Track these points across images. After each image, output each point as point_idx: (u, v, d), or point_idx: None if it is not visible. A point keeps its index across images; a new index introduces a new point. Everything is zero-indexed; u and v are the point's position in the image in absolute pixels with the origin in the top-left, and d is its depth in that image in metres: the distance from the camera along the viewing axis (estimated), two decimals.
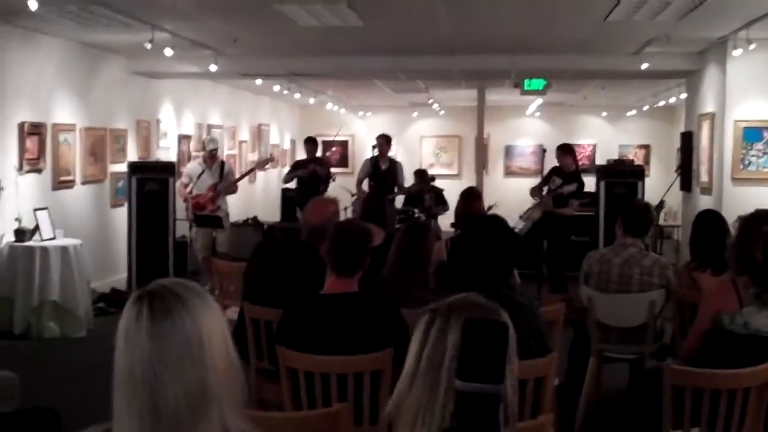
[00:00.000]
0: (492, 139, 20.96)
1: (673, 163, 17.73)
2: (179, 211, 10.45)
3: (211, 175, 11.19)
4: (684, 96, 13.36)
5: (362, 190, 12.22)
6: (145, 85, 12.88)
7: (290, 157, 20.59)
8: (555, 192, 11.11)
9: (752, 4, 8.18)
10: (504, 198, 15.95)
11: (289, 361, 3.95)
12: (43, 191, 9.99)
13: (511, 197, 17.85)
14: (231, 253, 10.65)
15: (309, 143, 12.70)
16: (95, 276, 10.52)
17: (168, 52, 9.81)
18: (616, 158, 18.33)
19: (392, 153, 12.93)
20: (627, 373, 6.31)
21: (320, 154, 13.67)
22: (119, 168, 11.66)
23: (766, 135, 10.13)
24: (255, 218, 14.02)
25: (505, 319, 2.07)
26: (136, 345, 1.85)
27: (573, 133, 20.89)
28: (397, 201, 12.44)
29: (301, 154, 18.18)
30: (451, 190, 12.53)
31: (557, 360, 3.89)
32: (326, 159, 12.94)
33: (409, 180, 13.25)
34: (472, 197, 7.34)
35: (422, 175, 13.38)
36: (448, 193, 13.00)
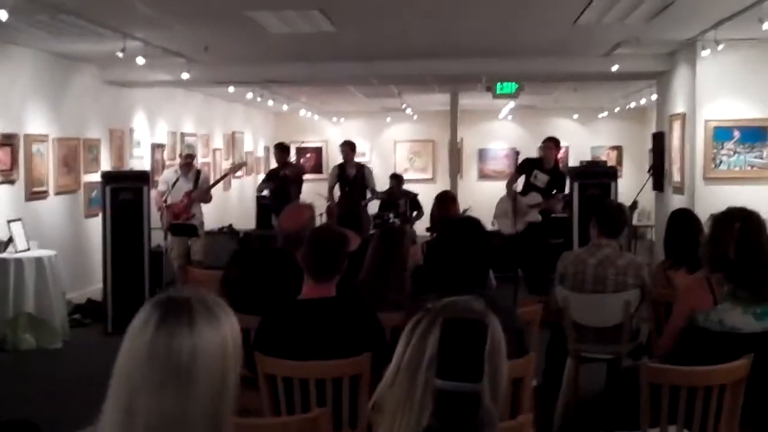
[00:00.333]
0: (465, 143, 21.00)
1: (645, 164, 17.82)
2: (154, 221, 10.41)
3: (186, 183, 11.19)
4: (654, 97, 13.46)
5: (332, 197, 12.24)
6: (117, 94, 12.82)
7: (264, 165, 20.54)
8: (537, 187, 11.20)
9: (719, 6, 8.26)
10: (478, 201, 15.98)
11: (267, 367, 3.95)
12: (17, 202, 9.92)
13: (486, 200, 17.82)
14: (206, 262, 10.64)
15: (279, 149, 12.68)
16: (70, 287, 10.48)
17: (140, 60, 9.77)
18: (588, 160, 18.48)
19: (366, 159, 12.98)
20: (604, 373, 6.35)
21: (294, 160, 13.67)
22: (93, 178, 11.59)
23: (737, 134, 10.22)
24: (230, 226, 13.99)
25: (490, 321, 2.09)
26: (133, 351, 1.82)
27: (545, 136, 20.76)
28: (372, 206, 12.44)
29: (275, 162, 18.20)
30: (426, 195, 12.57)
31: (535, 360, 3.91)
32: (297, 164, 12.92)
33: (384, 184, 13.27)
34: (447, 201, 7.36)
35: (398, 180, 13.39)
36: (422, 198, 13.03)
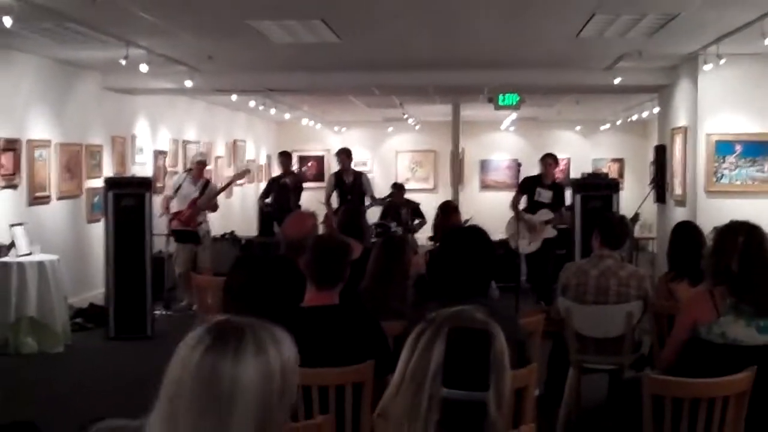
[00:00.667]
0: (467, 154, 21.01)
1: (646, 177, 17.86)
2: (156, 226, 10.44)
3: (193, 189, 11.32)
4: (656, 110, 13.48)
5: (330, 205, 12.25)
6: (120, 101, 12.85)
7: (266, 173, 20.56)
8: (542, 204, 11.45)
9: (721, 21, 8.28)
10: (480, 211, 16.00)
11: None
12: (19, 207, 9.94)
13: (487, 211, 17.89)
14: (214, 269, 10.67)
15: (283, 157, 12.71)
16: (72, 291, 10.49)
17: (143, 68, 9.79)
18: (590, 172, 18.48)
19: (367, 168, 12.99)
20: (606, 384, 6.35)
21: (296, 167, 13.69)
22: (95, 183, 11.62)
23: (738, 148, 10.24)
24: (233, 233, 14.00)
25: (495, 331, 2.10)
26: (181, 369, 1.78)
27: (547, 148, 20.73)
28: (373, 215, 12.44)
29: (276, 170, 18.21)
30: (428, 205, 12.59)
31: (537, 370, 3.92)
32: (298, 172, 12.95)
33: (386, 193, 13.28)
34: (449, 210, 7.40)
35: (399, 189, 13.38)
36: (424, 208, 13.04)
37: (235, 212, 18.17)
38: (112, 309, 9.85)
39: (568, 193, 11.44)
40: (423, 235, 11.90)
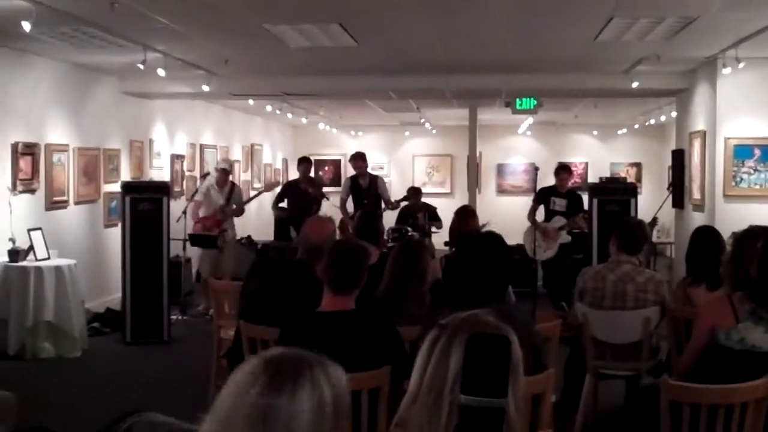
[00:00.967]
0: (484, 158, 20.99)
1: (664, 181, 17.80)
2: (173, 231, 10.46)
3: (219, 196, 11.38)
4: (674, 114, 13.42)
5: (346, 210, 12.22)
6: (137, 106, 12.90)
7: (283, 177, 20.58)
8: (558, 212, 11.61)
9: (740, 24, 8.24)
10: (497, 216, 15.93)
11: None
12: (37, 211, 9.98)
13: (504, 215, 17.81)
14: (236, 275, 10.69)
15: (304, 163, 12.58)
16: (89, 296, 10.53)
17: (161, 72, 9.83)
18: (608, 176, 18.41)
19: (384, 172, 12.93)
20: (623, 390, 6.32)
21: (313, 173, 13.63)
22: (113, 188, 11.66)
23: (757, 152, 10.18)
24: (249, 238, 14.03)
25: (511, 337, 2.08)
26: (234, 402, 1.74)
27: (564, 152, 20.98)
28: (390, 219, 12.42)
29: (293, 173, 18.21)
30: (444, 209, 12.56)
31: (554, 376, 3.90)
32: (321, 182, 12.87)
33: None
34: (466, 215, 7.36)
35: (416, 193, 13.36)
36: (441, 212, 13.02)
37: (251, 216, 18.18)
38: (128, 313, 9.87)
39: (584, 198, 11.43)
40: (439, 239, 11.87)
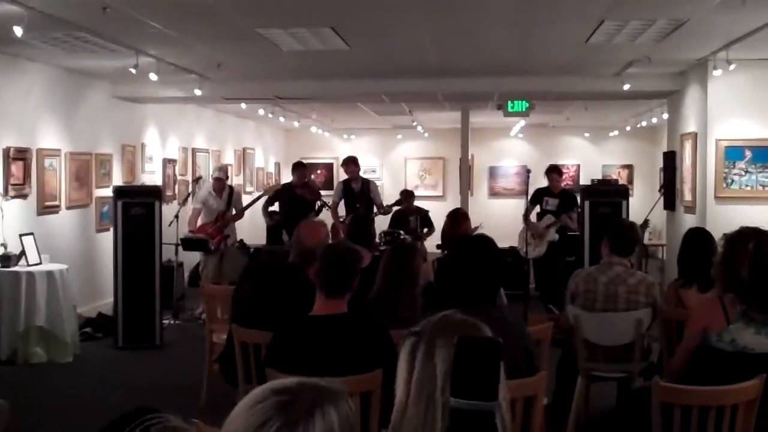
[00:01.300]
0: (476, 161, 21.02)
1: (656, 183, 17.83)
2: (165, 236, 10.45)
3: (218, 203, 11.36)
4: (665, 116, 13.45)
5: (337, 214, 12.21)
6: (129, 110, 12.89)
7: (275, 181, 20.57)
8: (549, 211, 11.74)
9: (731, 26, 8.26)
10: (489, 219, 16.00)
11: None
12: (29, 216, 9.96)
13: (496, 218, 17.94)
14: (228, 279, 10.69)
15: (300, 169, 12.46)
16: (81, 301, 10.51)
17: (153, 76, 9.83)
18: (599, 178, 18.45)
19: (377, 175, 12.91)
20: (615, 392, 6.33)
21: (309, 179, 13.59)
22: (104, 193, 11.65)
23: (748, 154, 10.21)
24: (242, 242, 14.02)
25: (491, 334, 2.10)
26: None
27: (556, 154, 20.99)
28: (382, 223, 12.41)
29: (285, 177, 18.21)
30: (436, 212, 12.57)
31: (546, 378, 3.90)
32: (317, 190, 12.79)
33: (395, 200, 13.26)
34: (459, 218, 7.36)
35: (408, 196, 13.35)
36: (433, 215, 13.03)
37: (244, 220, 18.14)
38: (120, 318, 9.85)
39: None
40: (432, 242, 11.88)
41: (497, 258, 4.04)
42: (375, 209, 12.22)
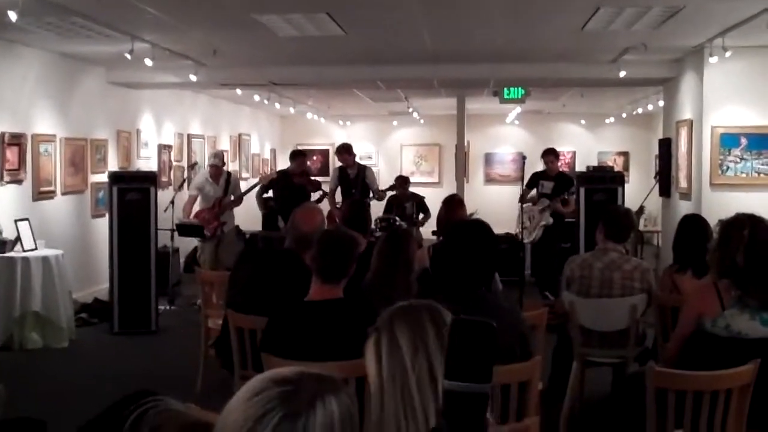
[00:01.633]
0: (472, 147, 21.02)
1: (651, 170, 17.84)
2: (161, 221, 10.45)
3: (216, 190, 11.31)
4: (661, 103, 13.45)
5: (334, 200, 12.20)
6: (125, 96, 12.86)
7: (270, 167, 20.55)
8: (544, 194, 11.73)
9: (727, 13, 8.26)
10: (485, 205, 16.03)
11: (274, 368, 3.95)
12: (24, 202, 9.95)
13: (492, 204, 17.96)
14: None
15: (300, 157, 12.33)
16: (77, 286, 10.50)
17: (148, 62, 9.81)
18: (595, 165, 18.43)
19: (372, 162, 12.86)
20: (610, 377, 6.35)
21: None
22: (100, 178, 11.63)
23: (744, 141, 10.21)
24: (237, 228, 13.99)
25: (450, 317, 2.14)
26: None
27: (552, 141, 20.92)
28: (378, 209, 12.40)
29: (281, 164, 18.18)
30: (432, 198, 12.57)
31: (541, 364, 3.92)
32: (316, 180, 12.70)
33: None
34: (454, 204, 7.36)
35: (404, 182, 13.34)
36: (429, 201, 13.02)
37: (240, 207, 18.15)
38: (116, 304, 9.86)
39: None
40: (427, 229, 11.88)
41: (491, 243, 4.04)
42: (371, 194, 12.21)
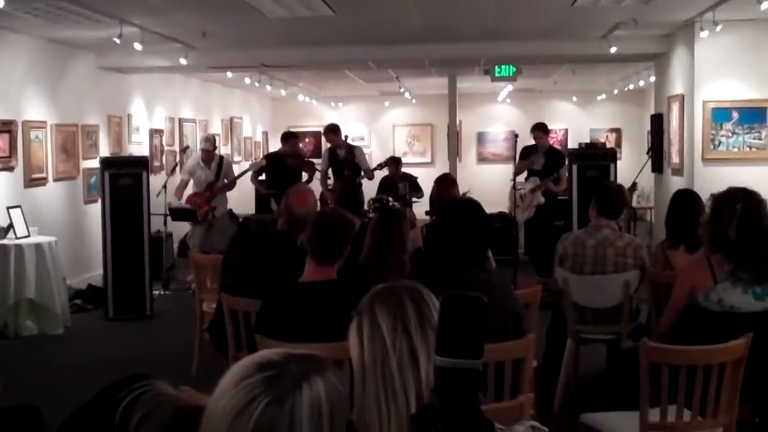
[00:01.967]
0: (464, 127, 20.99)
1: (644, 146, 17.84)
2: (154, 206, 10.43)
3: (207, 174, 11.29)
4: (653, 79, 13.45)
5: (326, 181, 12.19)
6: (115, 81, 12.81)
7: (263, 150, 20.52)
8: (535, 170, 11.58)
9: None
10: (477, 184, 16.01)
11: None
12: (16, 189, 9.93)
13: (485, 183, 17.96)
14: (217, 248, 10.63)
15: (292, 138, 12.27)
16: (71, 273, 10.50)
17: (137, 46, 9.77)
18: (587, 142, 18.44)
19: (365, 143, 12.82)
20: (604, 353, 6.37)
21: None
22: (92, 164, 11.61)
23: (735, 115, 10.21)
24: (230, 211, 13.98)
25: (431, 296, 2.20)
26: (226, 419, 1.61)
27: (544, 118, 20.54)
28: (371, 190, 12.39)
29: (273, 146, 18.14)
30: (425, 178, 12.57)
31: (534, 341, 3.92)
32: (302, 151, 12.66)
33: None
34: (447, 183, 7.35)
35: (396, 162, 13.35)
36: (422, 181, 13.03)
37: (232, 191, 18.14)
38: (110, 289, 9.85)
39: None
40: (421, 209, 11.88)
41: (482, 221, 4.02)
42: (362, 174, 12.19)
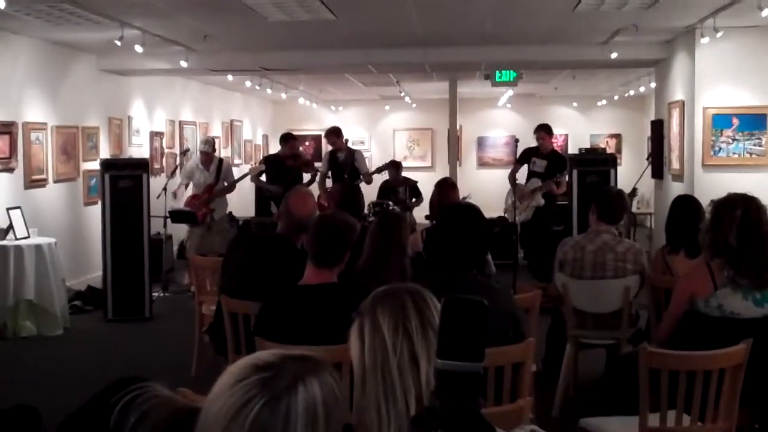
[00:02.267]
0: (464, 131, 21.00)
1: (644, 152, 17.85)
2: (154, 208, 10.43)
3: (207, 176, 11.28)
4: (653, 85, 13.44)
5: (325, 184, 12.19)
6: (116, 83, 12.82)
7: (263, 153, 20.53)
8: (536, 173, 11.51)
9: None
10: (477, 189, 16.02)
11: None
12: (16, 190, 9.93)
13: (485, 188, 17.95)
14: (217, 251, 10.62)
15: (291, 140, 12.27)
16: (70, 274, 10.50)
17: (138, 49, 9.77)
18: (588, 147, 18.46)
19: (365, 147, 12.82)
20: (604, 358, 6.37)
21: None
22: (92, 166, 11.62)
23: (736, 121, 10.21)
24: (230, 214, 13.99)
25: (432, 299, 2.19)
26: (222, 419, 1.61)
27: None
28: (371, 194, 12.38)
29: (273, 149, 18.13)
30: (425, 183, 12.56)
31: (534, 345, 3.92)
32: (302, 154, 12.65)
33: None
34: (446, 187, 7.35)
35: (396, 167, 13.34)
36: (422, 186, 13.02)
37: (232, 193, 18.13)
38: (110, 291, 9.85)
39: None
40: (421, 213, 11.88)
41: (481, 225, 4.04)
42: (361, 178, 12.19)
